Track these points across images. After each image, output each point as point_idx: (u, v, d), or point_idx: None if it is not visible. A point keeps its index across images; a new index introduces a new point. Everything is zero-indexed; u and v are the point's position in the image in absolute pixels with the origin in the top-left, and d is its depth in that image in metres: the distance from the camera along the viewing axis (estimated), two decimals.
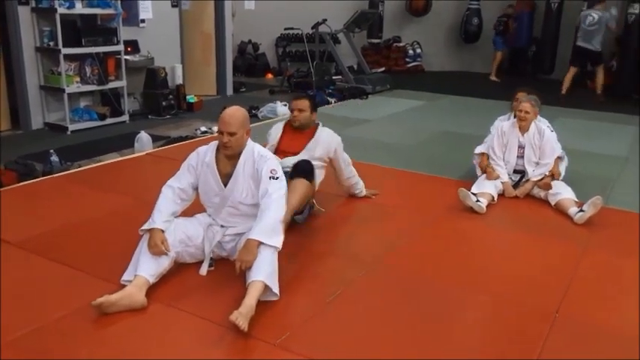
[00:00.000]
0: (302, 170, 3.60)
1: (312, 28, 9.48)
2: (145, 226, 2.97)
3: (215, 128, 6.60)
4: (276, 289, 2.71)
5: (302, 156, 3.78)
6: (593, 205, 3.91)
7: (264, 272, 2.67)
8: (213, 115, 7.43)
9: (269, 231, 2.78)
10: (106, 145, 5.86)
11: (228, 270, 2.95)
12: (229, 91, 9.19)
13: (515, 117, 4.47)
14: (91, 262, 3.17)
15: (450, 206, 4.17)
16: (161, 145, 5.82)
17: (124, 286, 2.81)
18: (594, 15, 8.61)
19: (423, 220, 4.00)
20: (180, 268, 3.05)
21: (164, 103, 7.42)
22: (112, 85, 6.84)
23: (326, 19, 9.34)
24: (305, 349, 2.46)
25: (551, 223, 3.99)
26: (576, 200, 4.12)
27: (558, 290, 3.02)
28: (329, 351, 2.45)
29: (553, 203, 4.20)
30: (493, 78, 10.76)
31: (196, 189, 3.12)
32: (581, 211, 3.94)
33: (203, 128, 6.51)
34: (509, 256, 3.54)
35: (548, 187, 4.27)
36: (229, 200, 3.05)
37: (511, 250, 3.64)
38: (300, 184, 3.51)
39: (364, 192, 4.26)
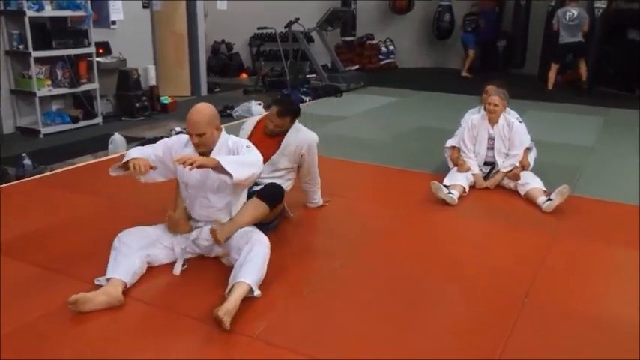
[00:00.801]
0: (268, 194, 3.32)
1: (285, 27, 9.51)
2: (118, 164, 3.05)
3: (182, 135, 6.60)
4: (257, 293, 2.76)
5: (268, 167, 3.58)
6: (561, 194, 4.03)
7: (253, 277, 2.73)
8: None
9: (234, 162, 2.85)
10: (79, 148, 5.83)
11: (203, 268, 3.00)
12: (203, 91, 9.18)
13: (484, 110, 4.57)
14: (67, 263, 3.18)
15: (423, 199, 4.26)
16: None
17: (99, 286, 2.84)
18: (573, 11, 8.83)
19: (397, 213, 4.08)
20: (154, 268, 3.07)
21: (137, 105, 7.39)
22: (84, 87, 6.79)
23: (298, 18, 9.39)
24: (283, 341, 2.51)
25: (521, 212, 4.10)
26: (545, 190, 4.24)
27: (527, 276, 3.12)
28: (306, 341, 2.51)
29: (522, 193, 4.31)
30: (465, 74, 10.91)
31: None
32: (549, 200, 4.06)
33: (178, 129, 6.50)
34: (480, 245, 3.63)
35: (517, 177, 4.38)
36: (202, 190, 3.09)
37: (482, 239, 3.73)
38: (258, 206, 3.24)
39: (320, 202, 4.05)
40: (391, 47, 12.30)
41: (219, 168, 2.81)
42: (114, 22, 7.45)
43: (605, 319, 2.75)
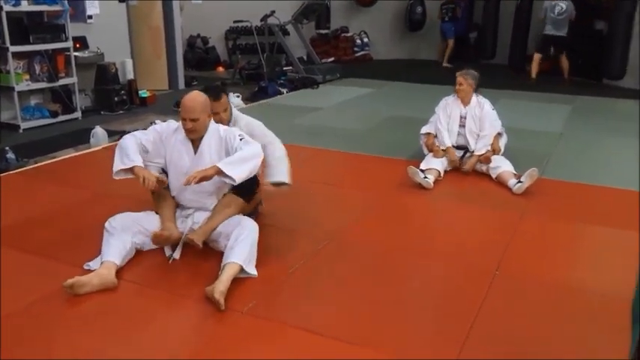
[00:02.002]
0: (242, 188, 3.21)
1: (261, 20, 9.61)
2: (121, 166, 3.07)
3: (171, 121, 6.69)
4: (252, 271, 2.92)
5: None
6: (530, 176, 4.24)
7: (242, 256, 2.88)
8: (167, 109, 7.52)
9: (233, 163, 2.97)
10: (60, 142, 5.87)
11: (194, 252, 3.12)
12: (181, 84, 9.23)
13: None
14: (56, 249, 3.29)
15: (400, 184, 4.44)
16: (116, 140, 5.86)
17: (88, 270, 2.95)
18: (562, 5, 9.09)
19: (374, 197, 4.25)
20: (143, 252, 3.19)
21: (116, 99, 7.43)
22: (62, 82, 6.81)
23: (274, 11, 9.48)
24: (271, 315, 2.66)
25: (492, 194, 4.31)
26: (515, 173, 4.45)
27: (498, 251, 3.32)
28: (294, 314, 2.67)
29: (494, 176, 4.52)
30: (446, 64, 11.08)
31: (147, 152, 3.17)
32: (520, 182, 4.27)
33: (158, 121, 6.53)
34: (453, 224, 3.83)
35: (489, 160, 4.59)
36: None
37: (455, 219, 3.93)
38: (232, 202, 3.26)
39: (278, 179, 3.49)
40: (365, 39, 12.47)
41: (220, 173, 2.94)
42: (90, 17, 7.45)
43: (571, 285, 2.97)
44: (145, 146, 3.16)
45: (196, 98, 3.11)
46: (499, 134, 4.78)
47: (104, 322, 2.61)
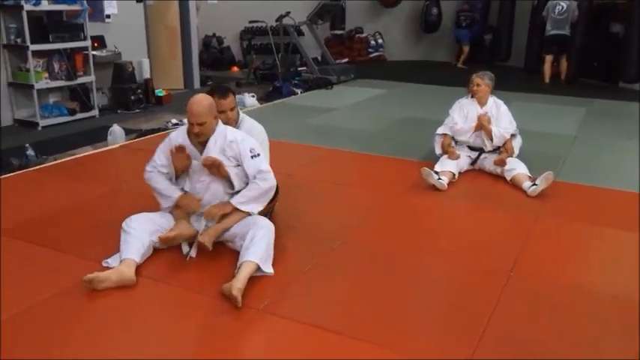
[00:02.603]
0: None
1: (277, 20, 9.66)
2: (167, 206, 3.29)
3: (186, 120, 6.75)
4: (268, 269, 2.97)
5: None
6: (545, 179, 4.25)
7: (259, 255, 2.93)
8: (182, 108, 7.51)
9: (249, 202, 3.18)
10: (78, 140, 5.96)
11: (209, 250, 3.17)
12: (196, 84, 9.32)
13: (472, 97, 4.81)
14: (74, 244, 3.34)
15: (413, 185, 4.46)
16: (134, 138, 5.95)
17: (106, 267, 3.01)
18: (563, 4, 9.06)
19: (387, 197, 4.27)
20: (160, 251, 3.22)
21: (133, 98, 7.52)
22: (80, 80, 6.91)
23: (290, 12, 9.53)
24: (287, 312, 2.70)
25: (507, 196, 4.32)
26: (530, 175, 4.45)
27: (512, 253, 3.33)
28: (309, 313, 2.70)
29: (509, 178, 4.53)
30: (460, 66, 11.14)
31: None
32: (535, 185, 4.27)
33: (174, 121, 6.66)
34: (467, 225, 3.84)
35: (503, 163, 4.59)
36: (202, 174, 3.24)
37: (469, 220, 3.94)
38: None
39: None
40: (380, 40, 12.49)
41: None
42: (108, 16, 7.56)
43: (584, 287, 2.98)
44: (163, 170, 3.30)
45: (202, 102, 3.13)
46: (513, 135, 4.78)
47: (123, 317, 2.66)
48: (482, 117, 4.69)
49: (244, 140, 3.23)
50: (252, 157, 3.18)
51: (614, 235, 3.66)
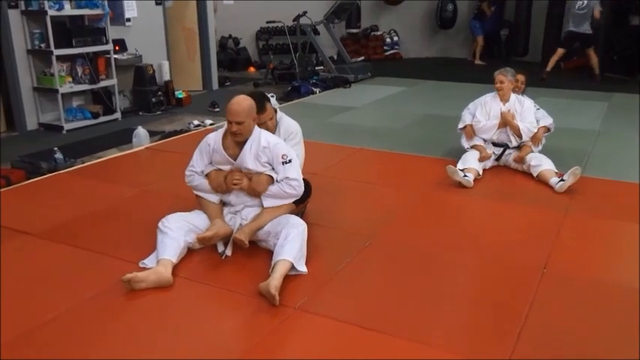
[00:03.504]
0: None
1: (294, 20, 9.69)
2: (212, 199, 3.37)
3: (208, 121, 6.83)
4: (302, 268, 3.01)
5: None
6: (573, 174, 4.24)
7: (293, 253, 2.97)
8: (203, 109, 7.67)
9: (272, 198, 3.27)
10: (103, 142, 6.04)
11: (242, 249, 3.20)
12: (215, 85, 9.37)
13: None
14: (110, 246, 3.40)
15: (438, 182, 4.47)
16: (157, 140, 6.01)
17: (143, 267, 3.06)
18: (584, 0, 8.96)
19: (415, 195, 4.29)
20: (195, 251, 3.28)
21: (154, 100, 7.59)
22: (103, 83, 6.98)
23: (306, 12, 9.55)
24: (323, 310, 2.73)
25: (534, 192, 4.31)
26: (556, 171, 4.44)
27: (544, 249, 3.34)
28: (345, 311, 2.73)
29: (535, 175, 4.52)
30: (478, 62, 11.10)
31: None
32: (562, 180, 4.26)
33: (196, 122, 6.71)
34: (496, 222, 3.84)
35: (522, 160, 4.60)
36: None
37: (499, 217, 3.93)
38: (282, 205, 3.34)
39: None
40: (395, 38, 12.48)
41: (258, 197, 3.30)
42: (128, 20, 7.63)
43: (620, 284, 2.97)
44: (201, 175, 3.37)
45: (242, 102, 3.18)
46: (548, 130, 4.80)
47: (162, 317, 2.70)
48: (505, 114, 4.69)
49: (277, 145, 3.27)
50: (283, 163, 3.23)
51: None
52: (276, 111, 3.67)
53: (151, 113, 7.49)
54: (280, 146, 3.29)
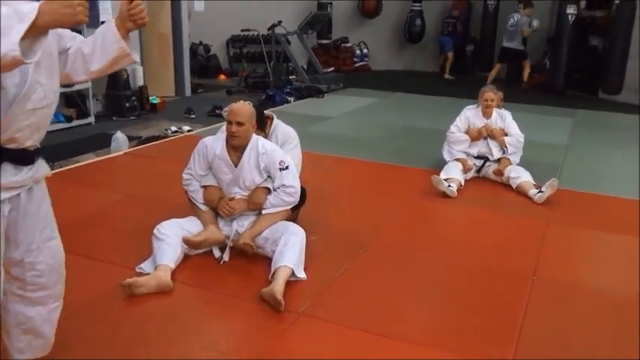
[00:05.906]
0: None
1: (269, 29, 9.72)
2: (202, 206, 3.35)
3: (185, 128, 6.77)
4: (301, 275, 3.03)
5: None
6: (551, 186, 4.41)
7: (293, 260, 2.99)
8: (178, 115, 7.60)
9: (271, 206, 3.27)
10: (79, 146, 5.90)
11: (239, 253, 3.22)
12: (187, 92, 9.29)
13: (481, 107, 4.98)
14: (101, 251, 3.36)
15: (423, 192, 4.58)
16: (135, 145, 5.93)
17: (139, 272, 3.03)
18: (514, 17, 9.51)
19: (402, 203, 4.39)
20: (191, 257, 3.26)
21: (127, 105, 7.47)
22: (76, 87, 6.82)
23: (281, 21, 9.60)
24: (327, 316, 2.76)
25: (516, 203, 4.47)
26: (534, 183, 4.61)
27: (531, 257, 3.47)
28: (348, 315, 2.77)
29: (514, 186, 4.68)
30: (447, 76, 11.40)
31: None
32: (541, 191, 4.43)
33: (173, 128, 6.65)
34: (483, 232, 3.96)
35: (501, 173, 4.78)
36: (235, 187, 3.31)
37: (484, 227, 4.06)
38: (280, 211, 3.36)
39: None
40: (365, 50, 12.66)
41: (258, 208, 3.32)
42: (103, 22, 7.48)
43: (603, 290, 3.12)
44: (199, 180, 3.37)
45: (245, 105, 3.25)
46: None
47: (164, 322, 2.68)
48: (485, 128, 4.84)
49: (274, 151, 3.31)
50: (280, 169, 3.27)
51: (621, 241, 3.82)
52: (272, 118, 3.71)
53: (124, 118, 7.36)
54: (277, 153, 3.32)
